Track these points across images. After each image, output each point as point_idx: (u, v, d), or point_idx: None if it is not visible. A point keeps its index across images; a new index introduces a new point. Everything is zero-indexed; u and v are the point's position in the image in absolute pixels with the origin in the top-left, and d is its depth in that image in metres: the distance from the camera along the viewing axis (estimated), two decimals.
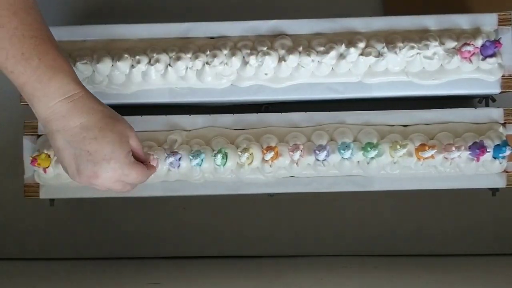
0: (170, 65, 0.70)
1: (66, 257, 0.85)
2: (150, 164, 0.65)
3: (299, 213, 0.85)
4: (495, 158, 0.69)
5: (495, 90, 0.72)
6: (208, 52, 0.69)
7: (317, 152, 0.68)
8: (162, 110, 0.74)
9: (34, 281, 0.76)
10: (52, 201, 0.74)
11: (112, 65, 0.69)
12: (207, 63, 0.69)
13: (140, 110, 0.74)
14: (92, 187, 0.59)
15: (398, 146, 0.68)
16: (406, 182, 0.72)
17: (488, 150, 0.68)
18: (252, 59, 0.69)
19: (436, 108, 0.72)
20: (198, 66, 0.69)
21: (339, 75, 0.71)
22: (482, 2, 0.81)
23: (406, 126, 0.72)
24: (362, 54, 0.69)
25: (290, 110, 0.73)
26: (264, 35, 0.72)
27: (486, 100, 0.78)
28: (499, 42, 0.69)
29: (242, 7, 0.85)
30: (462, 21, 0.72)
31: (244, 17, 0.73)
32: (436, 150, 0.68)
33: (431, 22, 0.72)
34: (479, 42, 0.69)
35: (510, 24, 0.71)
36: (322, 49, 0.69)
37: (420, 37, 0.70)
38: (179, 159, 0.69)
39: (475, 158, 0.69)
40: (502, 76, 0.71)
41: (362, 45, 0.69)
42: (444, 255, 0.84)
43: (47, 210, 0.75)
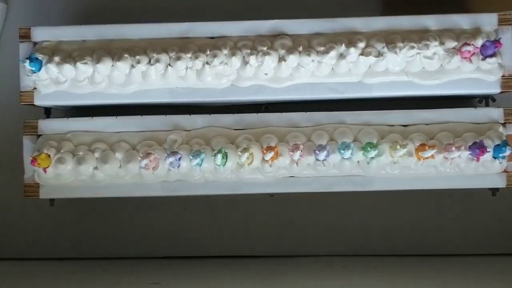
0: (170, 65, 0.70)
1: (66, 257, 0.85)
2: None
3: (299, 213, 0.85)
4: (495, 158, 0.69)
5: (495, 90, 0.72)
6: (208, 52, 0.69)
7: (317, 152, 0.68)
8: (162, 110, 0.74)
9: (34, 281, 0.76)
10: (52, 201, 0.74)
11: (112, 65, 0.69)
12: (207, 63, 0.69)
13: (140, 110, 0.74)
14: None
15: (398, 146, 0.68)
16: (406, 182, 0.72)
17: (488, 150, 0.68)
18: (252, 59, 0.69)
19: (436, 108, 0.72)
20: (198, 66, 0.70)
21: (339, 75, 0.71)
22: (482, 2, 0.81)
23: (406, 126, 0.72)
24: (362, 54, 0.69)
25: (290, 110, 0.73)
26: (264, 35, 0.72)
27: (486, 100, 0.77)
28: (499, 42, 0.69)
29: (242, 7, 0.85)
30: (462, 21, 0.72)
31: (244, 17, 0.73)
32: (436, 150, 0.68)
33: (431, 22, 0.72)
34: (479, 42, 0.69)
35: (510, 24, 0.71)
36: (322, 49, 0.69)
37: (420, 37, 0.70)
38: (179, 159, 0.69)
39: (475, 158, 0.69)
40: (502, 76, 0.71)
41: (362, 45, 0.69)
42: (444, 255, 0.84)
43: (47, 210, 0.75)
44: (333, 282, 0.72)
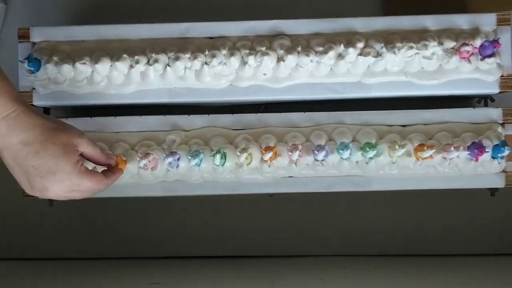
0: (169, 65, 0.70)
1: (66, 257, 0.85)
2: (116, 167, 0.65)
3: (299, 213, 0.85)
4: (494, 158, 0.69)
5: (494, 90, 0.72)
6: (207, 52, 0.69)
7: (316, 152, 0.68)
8: (161, 110, 0.74)
9: (34, 281, 0.76)
10: (51, 201, 0.74)
11: (111, 65, 0.69)
12: (206, 63, 0.69)
13: (139, 110, 0.74)
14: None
15: (397, 146, 0.68)
16: (405, 182, 0.72)
17: (487, 150, 0.68)
18: (251, 59, 0.69)
19: (435, 108, 0.72)
20: (197, 66, 0.70)
21: (338, 75, 0.71)
22: (481, 2, 0.81)
23: (405, 126, 0.72)
24: (361, 54, 0.69)
25: (289, 110, 0.73)
26: (263, 35, 0.72)
27: (485, 100, 0.77)
28: (498, 42, 0.69)
29: (241, 7, 0.85)
30: (461, 21, 0.72)
31: (243, 17, 0.73)
32: (434, 150, 0.68)
33: (430, 22, 0.72)
34: (478, 42, 0.69)
35: (509, 24, 0.71)
36: (321, 49, 0.69)
37: (419, 37, 0.70)
38: (178, 159, 0.69)
39: (474, 158, 0.68)
40: (501, 76, 0.71)
41: (361, 45, 0.69)
42: (443, 255, 0.84)
43: (47, 210, 0.75)
44: (333, 282, 0.72)
